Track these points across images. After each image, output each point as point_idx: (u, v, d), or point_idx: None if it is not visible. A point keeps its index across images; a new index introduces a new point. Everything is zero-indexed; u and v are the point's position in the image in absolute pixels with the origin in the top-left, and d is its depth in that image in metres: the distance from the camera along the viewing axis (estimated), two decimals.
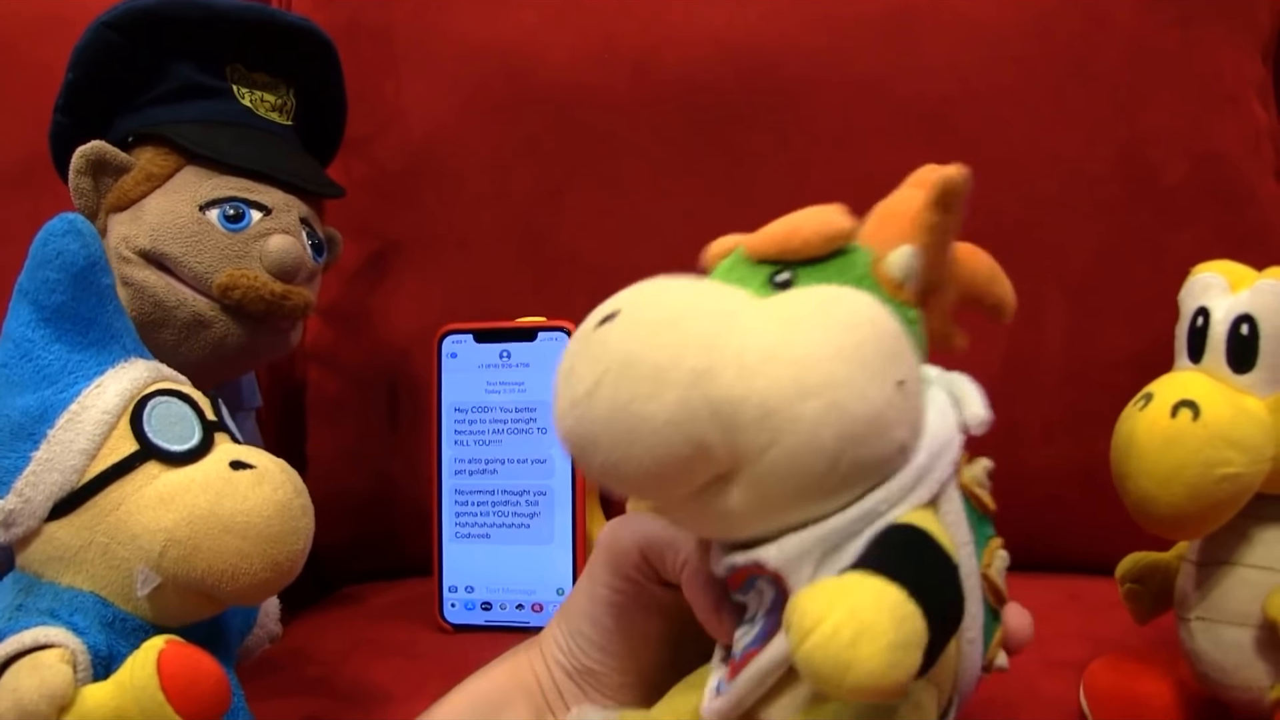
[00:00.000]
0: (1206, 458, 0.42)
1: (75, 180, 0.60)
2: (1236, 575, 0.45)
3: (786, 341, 0.32)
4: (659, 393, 0.31)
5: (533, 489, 0.69)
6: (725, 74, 0.77)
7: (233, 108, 0.64)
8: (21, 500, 0.41)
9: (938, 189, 0.36)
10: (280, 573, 0.42)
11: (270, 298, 0.60)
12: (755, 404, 0.31)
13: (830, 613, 0.28)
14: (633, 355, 0.32)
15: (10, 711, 0.36)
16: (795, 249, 0.36)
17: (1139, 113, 0.72)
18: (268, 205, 0.62)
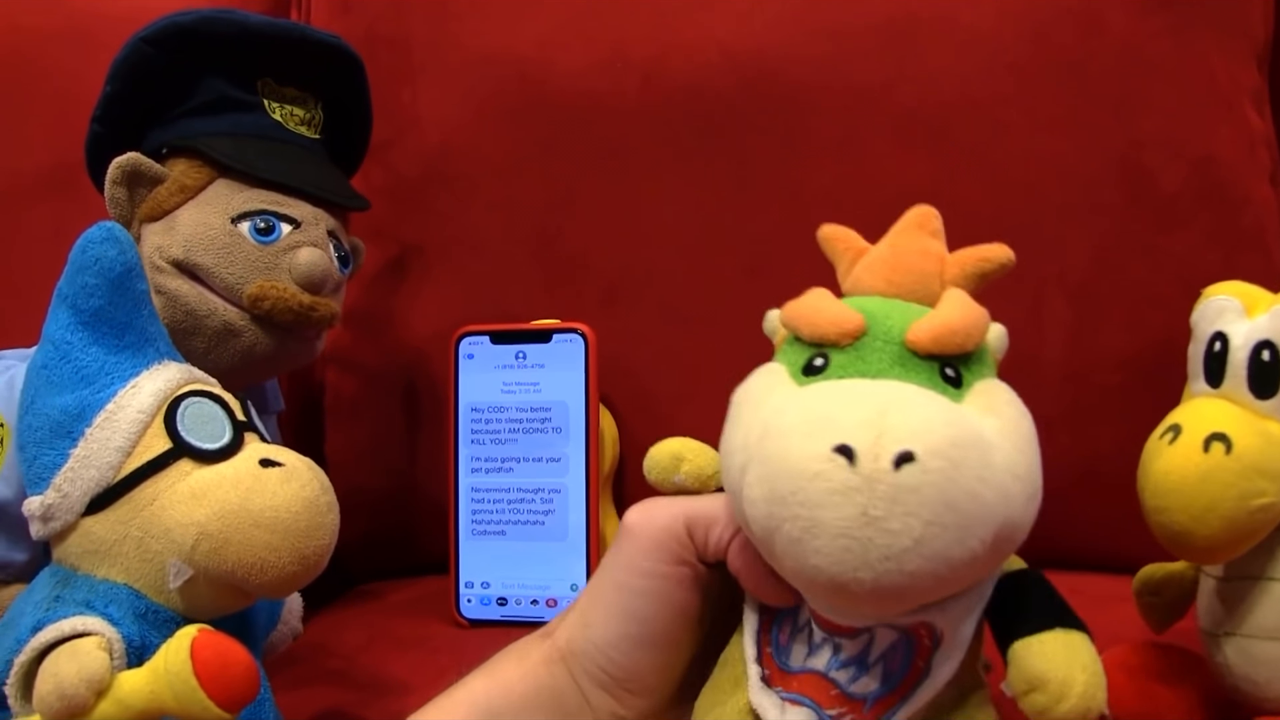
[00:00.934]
0: (1241, 491, 0.41)
1: (111, 190, 0.62)
2: (1265, 590, 0.44)
3: (1018, 458, 0.34)
4: (969, 535, 0.31)
5: (547, 487, 0.71)
6: (731, 81, 0.78)
7: (264, 121, 0.65)
8: (60, 495, 0.43)
9: (996, 267, 0.38)
10: (307, 566, 0.43)
11: (299, 309, 0.62)
12: (1014, 520, 0.33)
13: (1078, 675, 0.33)
14: (953, 503, 0.31)
15: (51, 695, 0.38)
16: (966, 348, 0.35)
17: (1136, 119, 0.73)
18: (297, 219, 0.63)
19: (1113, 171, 0.73)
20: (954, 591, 0.34)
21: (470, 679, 0.41)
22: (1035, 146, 0.74)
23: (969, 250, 0.39)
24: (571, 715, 0.39)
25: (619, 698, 0.39)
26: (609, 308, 0.79)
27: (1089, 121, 0.73)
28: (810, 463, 0.31)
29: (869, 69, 0.76)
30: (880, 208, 0.74)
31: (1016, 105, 0.74)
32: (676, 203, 0.79)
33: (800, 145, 0.77)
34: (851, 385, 0.34)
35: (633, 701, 0.39)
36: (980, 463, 0.31)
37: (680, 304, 0.78)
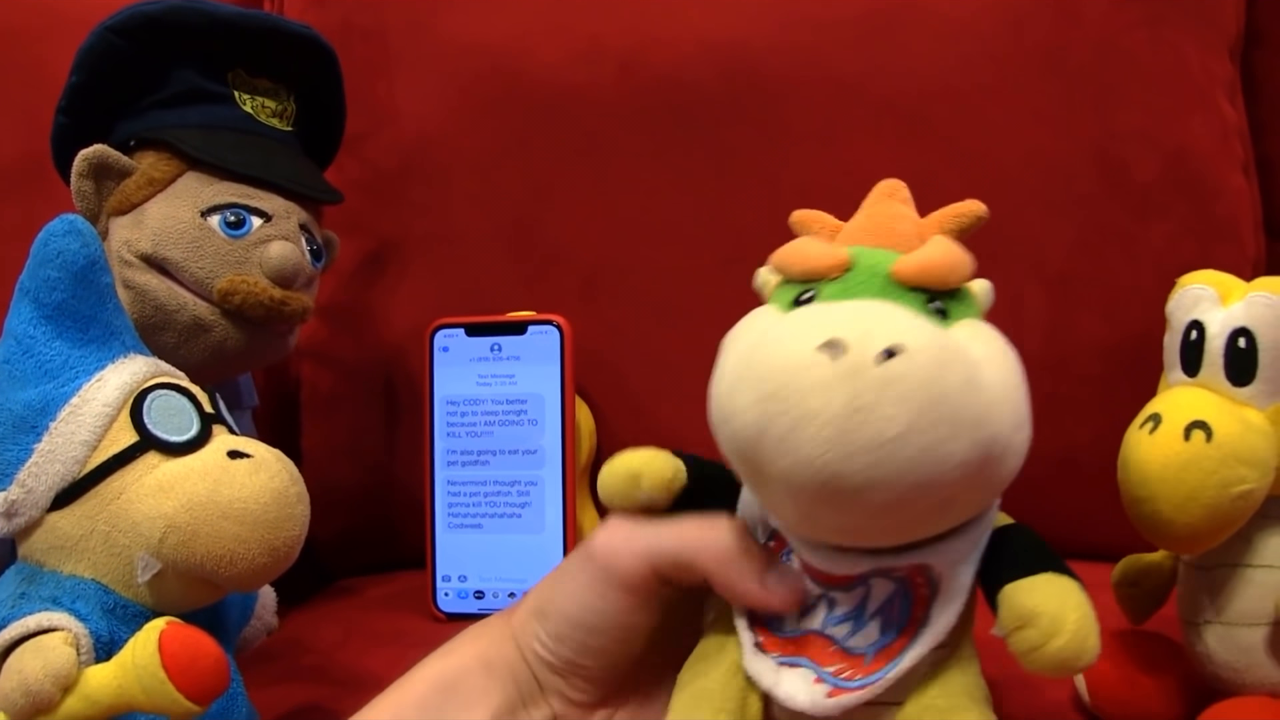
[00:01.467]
0: (1222, 478, 0.41)
1: (77, 183, 0.61)
2: (1243, 577, 0.44)
3: (1006, 380, 0.34)
4: (957, 434, 0.31)
5: (524, 479, 0.70)
6: (709, 73, 0.78)
7: (234, 113, 0.64)
8: (24, 491, 0.43)
9: (972, 219, 0.39)
10: (277, 558, 0.43)
11: (269, 303, 0.61)
12: (1002, 439, 0.33)
13: (1070, 613, 0.33)
14: (941, 397, 0.31)
15: (16, 691, 0.37)
16: (951, 282, 0.36)
17: (1112, 110, 0.73)
18: (268, 212, 0.63)
19: (1090, 162, 0.73)
20: (946, 517, 0.34)
21: (429, 658, 0.41)
22: (1013, 137, 0.74)
23: (942, 210, 0.40)
24: (524, 691, 0.39)
25: (569, 681, 0.39)
26: (587, 300, 0.79)
27: (1066, 112, 0.74)
28: (799, 357, 0.31)
29: (848, 60, 0.77)
30: (858, 198, 0.75)
31: (995, 96, 0.75)
32: (655, 194, 0.79)
33: (779, 136, 0.77)
34: (840, 304, 0.34)
35: (581, 685, 0.39)
36: (967, 368, 0.32)
37: (658, 296, 0.78)
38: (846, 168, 0.76)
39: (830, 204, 0.76)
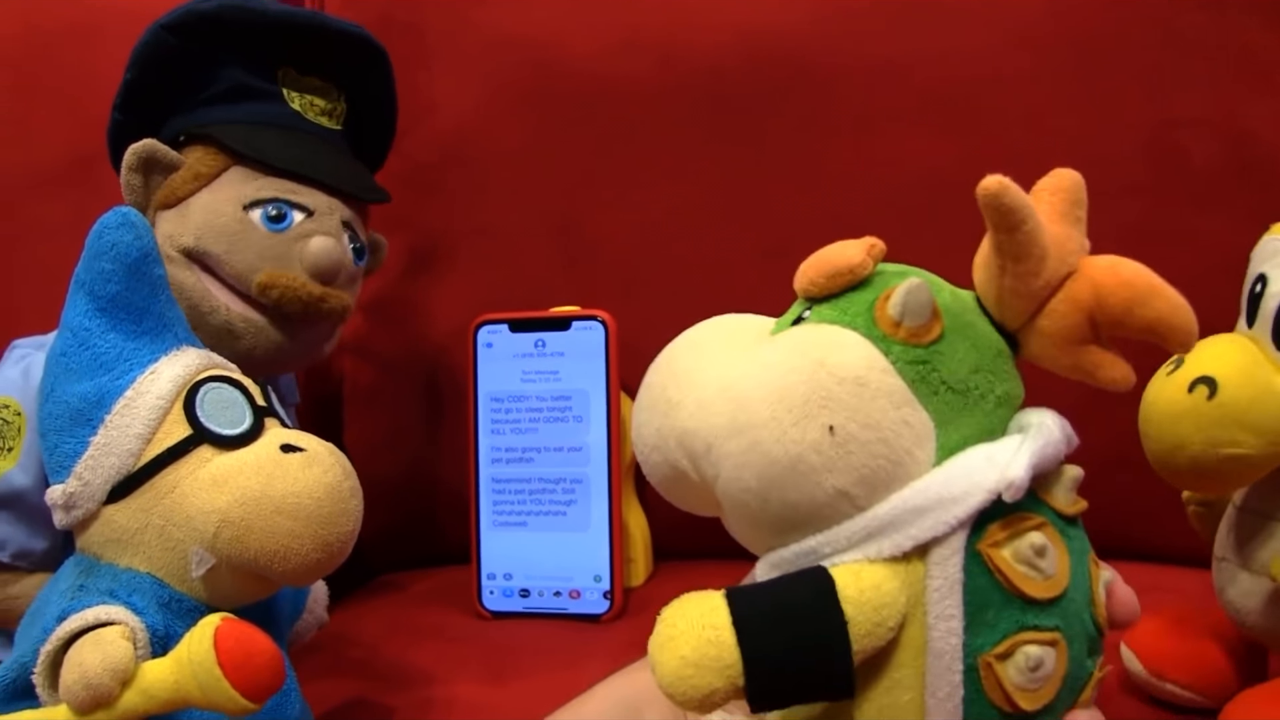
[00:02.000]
0: (1212, 437, 0.41)
1: (126, 176, 0.61)
2: (1266, 528, 0.45)
3: (734, 380, 0.34)
4: (649, 420, 0.36)
5: (569, 477, 0.70)
6: (747, 62, 0.77)
7: (282, 111, 0.64)
8: (81, 484, 0.42)
9: (982, 207, 0.34)
10: (330, 553, 0.43)
11: (307, 299, 0.61)
12: (702, 438, 0.34)
13: (667, 615, 0.32)
14: (646, 382, 0.37)
15: (77, 684, 0.37)
16: (804, 286, 0.36)
17: (1169, 94, 0.71)
18: (310, 207, 0.63)
19: (1144, 150, 0.72)
20: (654, 477, 0.38)
21: (612, 678, 0.41)
22: (1060, 126, 0.73)
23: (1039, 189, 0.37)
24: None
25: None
26: (630, 294, 0.78)
27: (1119, 98, 0.72)
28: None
29: (888, 46, 0.76)
30: (901, 188, 0.75)
31: (1040, 83, 0.73)
32: (695, 185, 0.78)
33: (819, 126, 0.76)
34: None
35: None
36: (679, 363, 0.36)
37: (701, 288, 0.77)
38: (887, 157, 0.75)
39: (871, 194, 0.76)
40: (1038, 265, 0.34)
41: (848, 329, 0.34)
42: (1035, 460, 0.32)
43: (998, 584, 0.32)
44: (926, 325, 0.34)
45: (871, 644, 0.31)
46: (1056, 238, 0.34)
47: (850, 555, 0.32)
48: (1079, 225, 0.36)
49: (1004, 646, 0.32)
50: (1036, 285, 0.34)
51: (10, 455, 0.55)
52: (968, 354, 0.34)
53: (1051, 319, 0.34)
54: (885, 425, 0.32)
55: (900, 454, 0.32)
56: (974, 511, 0.32)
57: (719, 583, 0.71)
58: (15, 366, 0.57)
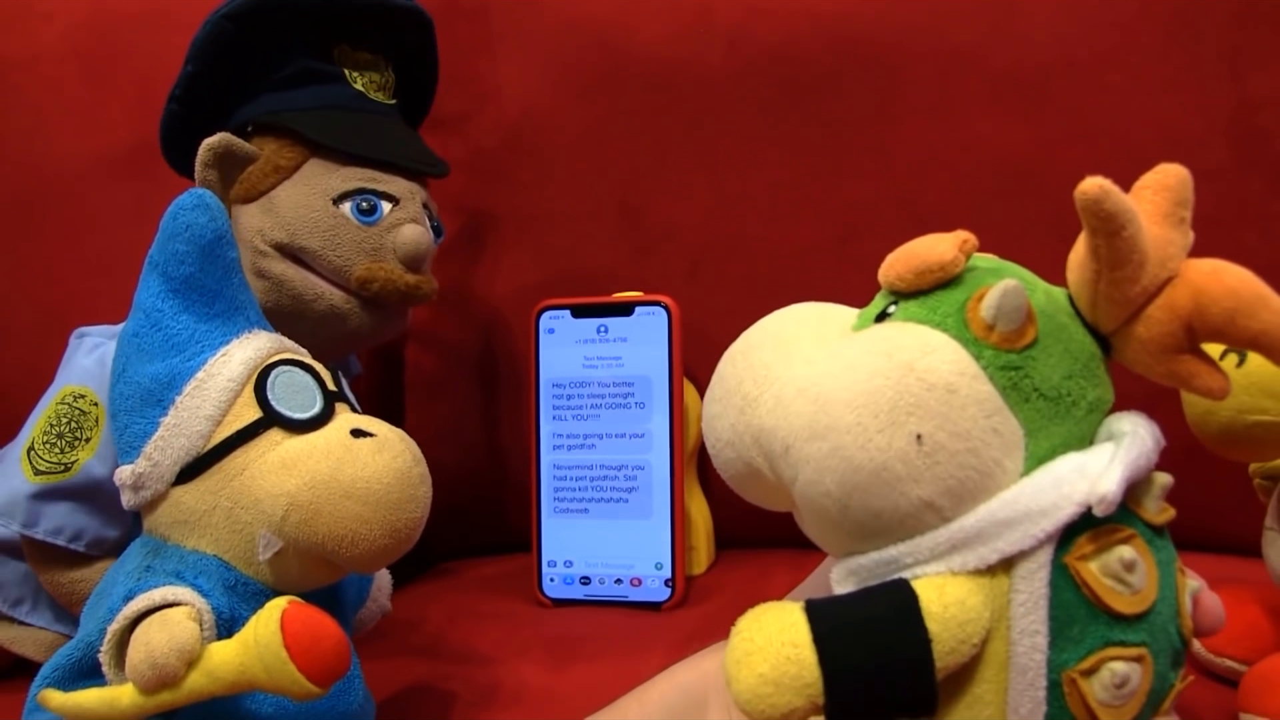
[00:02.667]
0: (1240, 403, 0.43)
1: (202, 173, 0.61)
2: None
3: (816, 379, 0.32)
4: (723, 414, 0.35)
5: (631, 464, 0.69)
6: (819, 45, 0.76)
7: (347, 92, 0.64)
8: (150, 464, 0.43)
9: (1081, 212, 0.31)
10: (399, 539, 0.42)
11: (405, 289, 0.62)
12: (780, 437, 0.33)
13: (744, 628, 0.31)
14: (720, 374, 0.36)
15: (143, 663, 0.37)
16: (891, 281, 0.35)
17: (1248, 76, 0.69)
18: (395, 196, 0.63)
19: (1223, 133, 0.69)
20: (726, 473, 0.36)
21: (675, 667, 0.40)
22: (1139, 108, 0.71)
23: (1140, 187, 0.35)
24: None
25: None
26: (694, 279, 0.77)
27: (1198, 80, 0.70)
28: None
29: (963, 29, 0.74)
30: (976, 174, 0.73)
31: (1118, 65, 0.71)
32: (764, 171, 0.77)
33: (892, 110, 0.75)
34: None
35: None
36: (757, 357, 0.35)
37: (768, 275, 0.76)
38: (962, 142, 0.74)
39: (945, 180, 0.74)
40: (1136, 271, 0.32)
41: (937, 330, 0.32)
42: (1128, 473, 0.31)
43: (1084, 598, 0.31)
44: (1020, 330, 0.32)
45: (955, 661, 0.30)
46: (1157, 241, 0.32)
47: (933, 567, 0.31)
48: (1182, 226, 0.33)
49: (1089, 663, 0.31)
50: (1134, 292, 0.32)
51: (89, 446, 0.56)
52: (1061, 359, 0.33)
53: (1148, 326, 0.32)
54: (975, 434, 0.31)
55: (989, 464, 0.31)
56: (1062, 525, 0.31)
57: (782, 572, 0.71)
58: (90, 355, 0.58)
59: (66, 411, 0.57)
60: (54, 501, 0.56)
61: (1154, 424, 0.34)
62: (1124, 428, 0.33)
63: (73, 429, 0.56)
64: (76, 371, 0.58)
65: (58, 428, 0.56)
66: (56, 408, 0.57)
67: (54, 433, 0.56)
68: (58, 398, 0.57)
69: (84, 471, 0.55)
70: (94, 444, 0.55)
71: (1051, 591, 0.31)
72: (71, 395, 0.57)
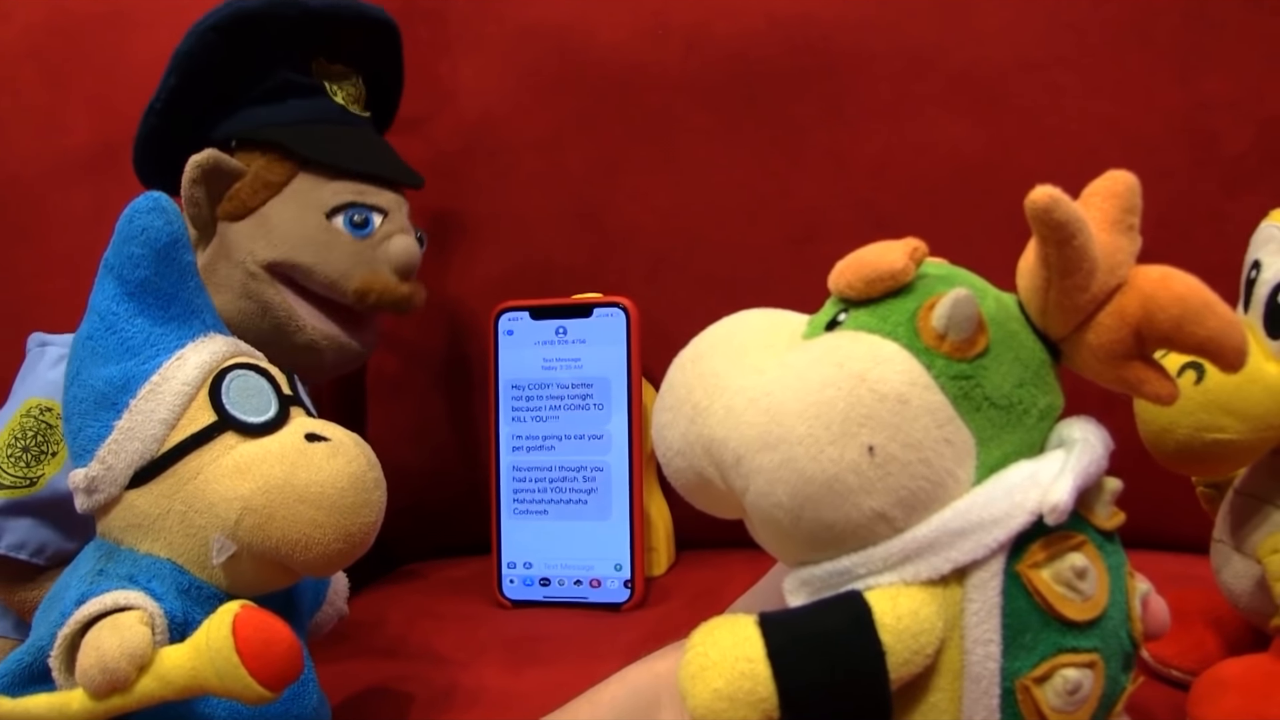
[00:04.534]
0: (1198, 421, 0.42)
1: (189, 190, 0.60)
2: (1261, 511, 0.45)
3: (767, 389, 0.32)
4: (673, 422, 0.35)
5: (590, 465, 0.70)
6: (776, 47, 0.76)
7: (329, 106, 0.65)
8: (104, 467, 0.42)
9: (1031, 221, 0.32)
10: (353, 544, 0.42)
11: (399, 299, 0.64)
12: (731, 448, 0.33)
13: (698, 642, 0.31)
14: (670, 382, 0.36)
15: (93, 668, 0.37)
16: (841, 289, 0.35)
17: (1200, 77, 0.70)
18: (385, 208, 0.64)
19: (1176, 134, 0.71)
20: (677, 482, 0.36)
21: (630, 668, 0.40)
22: (1093, 110, 0.72)
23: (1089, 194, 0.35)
24: None
25: None
26: (653, 280, 0.78)
27: (1151, 82, 0.71)
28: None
29: (919, 31, 0.75)
30: (932, 174, 0.74)
31: (1073, 66, 0.72)
32: (722, 172, 0.77)
33: (849, 111, 0.76)
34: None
35: None
36: (707, 366, 0.35)
37: (726, 275, 0.77)
38: (918, 143, 0.74)
39: (902, 180, 0.75)
40: (1086, 279, 0.32)
41: (888, 339, 0.33)
42: (1079, 481, 0.31)
43: (1036, 606, 0.31)
44: (972, 339, 0.32)
45: (909, 672, 0.31)
46: (1106, 248, 0.32)
47: (886, 577, 0.31)
48: (1130, 233, 0.33)
49: (1042, 670, 0.31)
50: (1084, 299, 0.32)
51: (55, 460, 0.55)
52: (1012, 367, 0.33)
53: (1098, 332, 0.33)
54: (927, 445, 0.31)
55: (941, 474, 0.31)
56: (1014, 534, 0.31)
57: (742, 573, 0.71)
58: (55, 368, 0.57)
59: (32, 425, 0.56)
60: (17, 517, 0.55)
61: (1103, 429, 0.34)
62: (1074, 435, 0.33)
63: (39, 443, 0.56)
64: (41, 384, 0.57)
65: (23, 441, 0.56)
66: (21, 420, 0.56)
67: (19, 446, 0.56)
68: (22, 410, 0.57)
69: (49, 486, 0.55)
70: (60, 458, 0.55)
71: (1004, 600, 0.31)
72: (38, 408, 0.57)
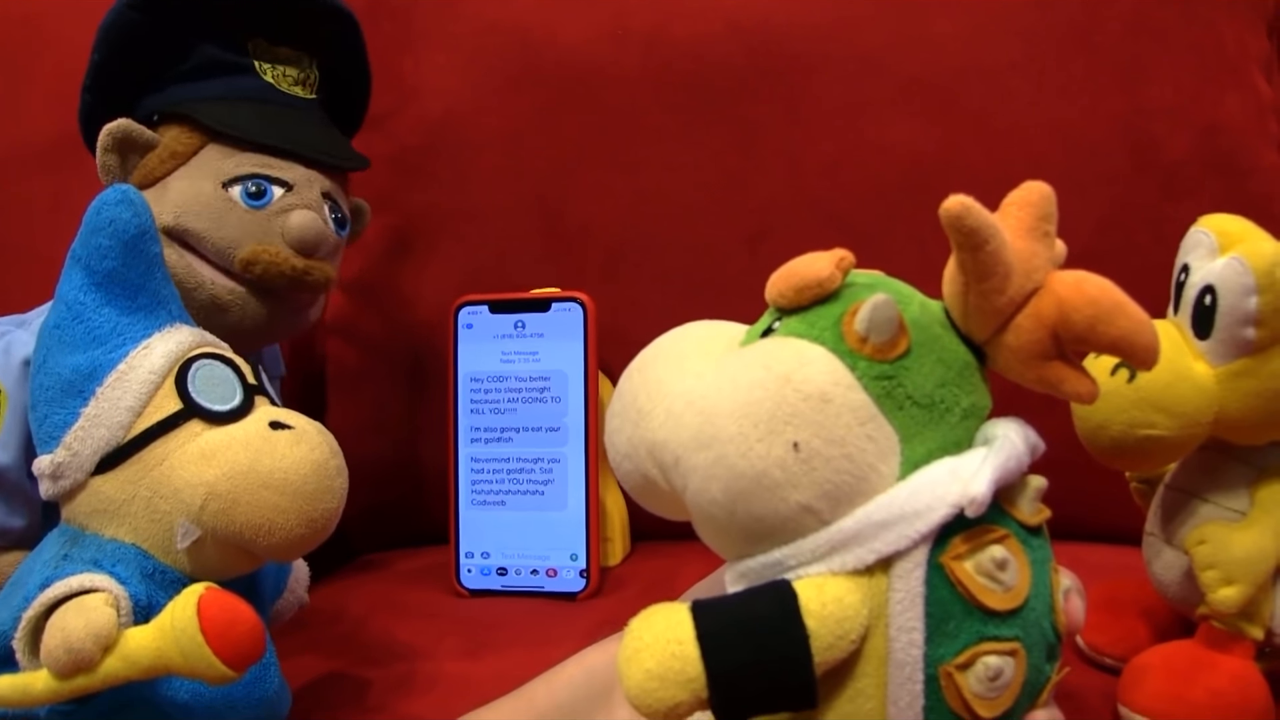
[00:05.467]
0: (1131, 418, 0.44)
1: (102, 157, 0.61)
2: (1189, 505, 0.47)
3: (703, 393, 0.34)
4: (621, 427, 0.37)
5: (547, 456, 0.71)
6: (734, 50, 0.78)
7: (255, 84, 0.64)
8: (70, 454, 0.43)
9: (945, 228, 0.33)
10: (315, 529, 0.43)
11: (291, 272, 0.61)
12: (670, 449, 0.34)
13: (634, 626, 0.33)
14: (619, 390, 0.37)
15: (58, 649, 0.38)
16: (774, 298, 0.36)
17: (1142, 85, 0.73)
18: (289, 181, 0.62)
19: (1118, 139, 0.73)
20: (626, 484, 0.38)
21: (586, 651, 0.42)
22: (1040, 114, 0.74)
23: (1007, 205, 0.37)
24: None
25: None
26: (610, 277, 0.79)
27: (1095, 89, 0.73)
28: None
29: (873, 35, 0.77)
30: (884, 174, 0.76)
31: (1022, 72, 0.75)
32: (679, 171, 0.79)
33: (803, 113, 0.77)
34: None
35: None
36: (651, 372, 0.36)
37: (682, 273, 0.78)
38: (871, 144, 0.76)
39: (854, 180, 0.77)
40: (1002, 283, 0.34)
41: (815, 344, 0.34)
42: (997, 475, 0.33)
43: (959, 596, 0.33)
44: (892, 341, 0.34)
45: (833, 656, 0.32)
46: (1022, 254, 0.34)
47: (815, 568, 0.33)
48: (1046, 240, 0.35)
49: (964, 657, 0.33)
50: (1000, 302, 0.34)
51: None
52: (934, 368, 0.34)
53: (1016, 335, 0.34)
54: (849, 441, 0.32)
55: (864, 469, 0.33)
56: (936, 526, 0.32)
57: (695, 563, 0.72)
58: None
59: None
60: None
61: (1028, 428, 0.36)
62: (997, 433, 0.35)
63: None
64: None
65: None
66: None
67: None
68: None
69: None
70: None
71: (927, 589, 0.32)
72: None
